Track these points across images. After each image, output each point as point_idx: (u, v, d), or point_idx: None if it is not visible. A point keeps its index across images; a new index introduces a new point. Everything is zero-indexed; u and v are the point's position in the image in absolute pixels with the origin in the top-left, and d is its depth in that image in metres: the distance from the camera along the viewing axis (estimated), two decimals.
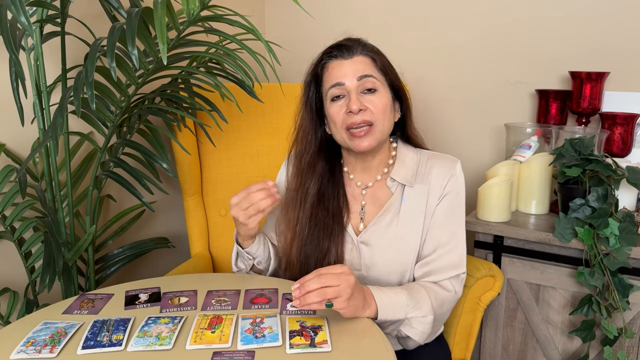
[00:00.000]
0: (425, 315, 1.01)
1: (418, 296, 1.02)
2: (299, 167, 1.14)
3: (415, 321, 1.01)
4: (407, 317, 1.00)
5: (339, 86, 1.05)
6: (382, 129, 1.06)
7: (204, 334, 0.88)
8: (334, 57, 1.07)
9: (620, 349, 1.29)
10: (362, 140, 1.04)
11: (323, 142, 1.14)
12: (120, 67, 1.16)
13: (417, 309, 1.01)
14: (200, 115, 1.52)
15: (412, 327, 1.01)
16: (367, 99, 1.05)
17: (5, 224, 1.24)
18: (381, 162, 1.14)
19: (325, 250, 1.09)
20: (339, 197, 1.13)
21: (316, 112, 1.12)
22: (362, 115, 1.03)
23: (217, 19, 1.17)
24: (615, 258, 1.24)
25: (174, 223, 1.84)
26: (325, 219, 1.10)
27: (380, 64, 1.08)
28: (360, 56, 1.06)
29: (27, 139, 1.37)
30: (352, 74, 1.04)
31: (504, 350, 1.48)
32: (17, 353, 0.83)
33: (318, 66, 1.10)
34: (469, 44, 1.81)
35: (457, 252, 1.10)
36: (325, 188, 1.13)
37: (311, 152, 1.13)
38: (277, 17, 2.16)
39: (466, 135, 1.87)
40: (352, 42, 1.08)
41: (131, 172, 1.33)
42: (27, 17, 0.98)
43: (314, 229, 1.10)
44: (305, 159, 1.13)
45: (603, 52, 1.60)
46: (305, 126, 1.13)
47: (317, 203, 1.10)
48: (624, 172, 1.27)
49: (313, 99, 1.11)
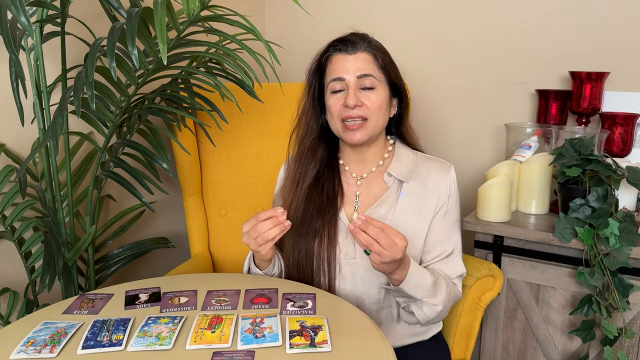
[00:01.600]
0: (436, 304, 1.06)
1: (438, 286, 1.07)
2: (299, 150, 1.18)
3: (425, 305, 1.06)
4: (421, 299, 1.05)
5: (339, 81, 1.09)
6: (375, 125, 1.10)
7: (204, 334, 0.88)
8: (338, 50, 1.11)
9: (620, 349, 1.29)
10: (355, 133, 1.09)
11: (323, 129, 1.18)
12: (120, 67, 1.16)
13: (433, 296, 1.06)
14: (200, 115, 1.52)
15: (421, 309, 1.07)
16: (365, 95, 1.09)
17: (5, 224, 1.24)
18: (376, 154, 1.17)
19: (317, 229, 1.12)
20: (334, 182, 1.17)
21: (318, 100, 1.16)
22: (358, 110, 1.08)
23: (217, 19, 1.18)
24: (615, 258, 1.24)
25: (174, 223, 1.84)
26: (320, 199, 1.14)
27: (382, 61, 1.11)
28: (364, 53, 1.09)
29: (27, 139, 1.37)
30: (353, 71, 1.08)
31: (504, 350, 1.48)
32: (17, 353, 0.83)
33: (323, 57, 1.13)
34: (469, 44, 1.81)
35: (459, 253, 1.17)
36: (323, 171, 1.17)
37: (312, 137, 1.17)
38: (277, 17, 2.16)
39: (466, 135, 1.87)
40: (358, 37, 1.11)
41: (131, 172, 1.33)
42: (27, 17, 0.98)
43: (308, 208, 1.14)
44: (306, 143, 1.17)
45: (603, 52, 1.60)
46: (307, 112, 1.17)
47: (314, 184, 1.14)
48: (624, 172, 1.27)
49: (316, 87, 1.16)
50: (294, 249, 1.14)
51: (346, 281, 1.13)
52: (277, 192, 1.24)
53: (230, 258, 1.59)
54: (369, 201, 1.16)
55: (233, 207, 1.61)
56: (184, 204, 1.58)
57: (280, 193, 1.21)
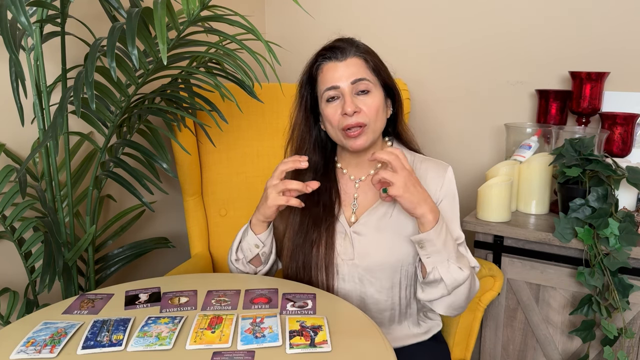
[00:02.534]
0: (463, 269, 1.03)
1: (462, 257, 1.06)
2: None
3: (453, 267, 1.02)
4: (448, 259, 1.02)
5: (333, 89, 1.09)
6: (374, 128, 1.10)
7: (204, 334, 0.88)
8: (328, 59, 1.10)
9: (620, 349, 1.29)
10: (357, 140, 1.08)
11: (317, 139, 1.18)
12: (120, 67, 1.16)
13: (459, 261, 1.03)
14: (200, 115, 1.52)
15: (448, 270, 1.02)
16: (361, 100, 1.08)
17: (5, 224, 1.24)
18: None
19: (313, 240, 1.12)
20: (331, 192, 1.17)
21: (311, 111, 1.16)
22: (357, 117, 1.07)
23: (217, 19, 1.18)
24: (615, 258, 1.24)
25: (174, 223, 1.84)
26: (316, 211, 1.14)
27: (373, 64, 1.10)
28: (354, 58, 1.09)
29: (27, 139, 1.37)
30: (347, 77, 1.08)
31: (504, 350, 1.48)
32: (17, 353, 0.83)
33: (312, 67, 1.13)
34: (470, 45, 1.81)
35: (465, 247, 1.15)
36: (319, 181, 1.15)
37: (306, 148, 1.17)
38: (277, 17, 2.16)
39: (466, 135, 1.87)
40: (345, 43, 1.10)
41: (131, 172, 1.33)
42: (27, 17, 0.98)
43: (304, 220, 1.14)
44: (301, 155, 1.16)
45: (603, 52, 1.60)
46: (300, 124, 1.17)
47: (309, 196, 1.13)
48: (624, 172, 1.27)
49: (308, 99, 1.15)
50: (292, 259, 1.14)
51: (345, 282, 1.13)
52: None
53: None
54: (367, 203, 1.15)
55: (233, 207, 1.62)
56: (184, 204, 1.58)
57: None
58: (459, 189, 1.18)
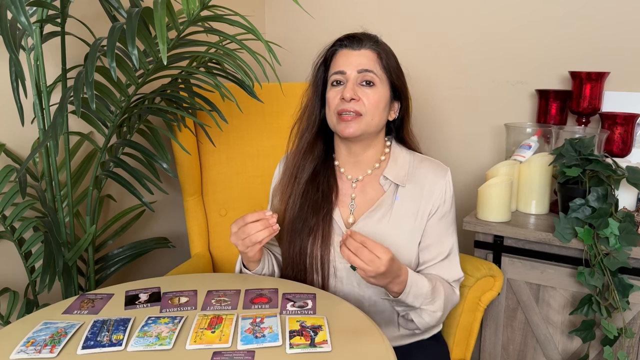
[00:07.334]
0: (435, 311, 1.07)
1: (437, 292, 1.08)
2: (299, 144, 1.18)
3: (425, 313, 1.07)
4: (420, 307, 1.05)
5: (340, 74, 1.10)
6: (369, 122, 1.09)
7: (204, 334, 0.88)
8: (344, 46, 1.12)
9: (620, 349, 1.29)
10: (348, 125, 1.08)
11: (322, 125, 1.18)
12: (120, 67, 1.16)
13: (432, 303, 1.06)
14: (200, 115, 1.52)
15: (420, 316, 1.08)
16: (363, 91, 1.09)
17: (5, 224, 1.24)
18: (372, 157, 1.17)
19: (311, 226, 1.12)
20: (329, 179, 1.17)
21: (321, 94, 1.17)
22: (354, 104, 1.08)
23: (217, 19, 1.18)
24: (615, 258, 1.24)
25: (174, 223, 1.84)
26: (315, 197, 1.14)
27: (386, 62, 1.11)
28: (368, 50, 1.10)
29: (27, 139, 1.37)
30: (355, 66, 1.09)
31: (504, 350, 1.48)
32: (17, 353, 0.83)
33: (329, 51, 1.14)
34: (470, 45, 1.81)
35: (456, 257, 1.17)
36: (320, 169, 1.17)
37: (312, 131, 1.17)
38: (277, 17, 2.16)
39: (466, 135, 1.87)
40: (365, 36, 1.12)
41: (131, 172, 1.33)
42: (27, 17, 0.98)
43: (304, 204, 1.14)
44: (306, 137, 1.17)
45: (603, 52, 1.60)
46: (310, 106, 1.17)
47: (311, 180, 1.14)
48: (624, 172, 1.27)
49: (320, 81, 1.16)
50: (290, 245, 1.15)
51: (344, 285, 1.13)
52: (275, 187, 1.23)
53: (230, 258, 1.59)
54: (365, 205, 1.15)
55: (233, 207, 1.62)
56: (184, 204, 1.58)
57: (278, 187, 1.21)
58: (459, 189, 1.19)
